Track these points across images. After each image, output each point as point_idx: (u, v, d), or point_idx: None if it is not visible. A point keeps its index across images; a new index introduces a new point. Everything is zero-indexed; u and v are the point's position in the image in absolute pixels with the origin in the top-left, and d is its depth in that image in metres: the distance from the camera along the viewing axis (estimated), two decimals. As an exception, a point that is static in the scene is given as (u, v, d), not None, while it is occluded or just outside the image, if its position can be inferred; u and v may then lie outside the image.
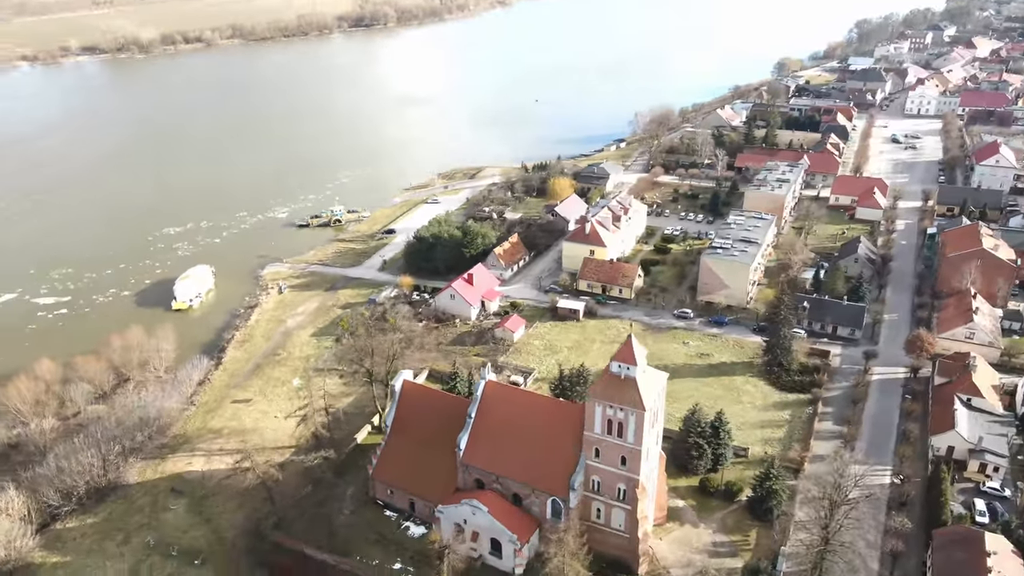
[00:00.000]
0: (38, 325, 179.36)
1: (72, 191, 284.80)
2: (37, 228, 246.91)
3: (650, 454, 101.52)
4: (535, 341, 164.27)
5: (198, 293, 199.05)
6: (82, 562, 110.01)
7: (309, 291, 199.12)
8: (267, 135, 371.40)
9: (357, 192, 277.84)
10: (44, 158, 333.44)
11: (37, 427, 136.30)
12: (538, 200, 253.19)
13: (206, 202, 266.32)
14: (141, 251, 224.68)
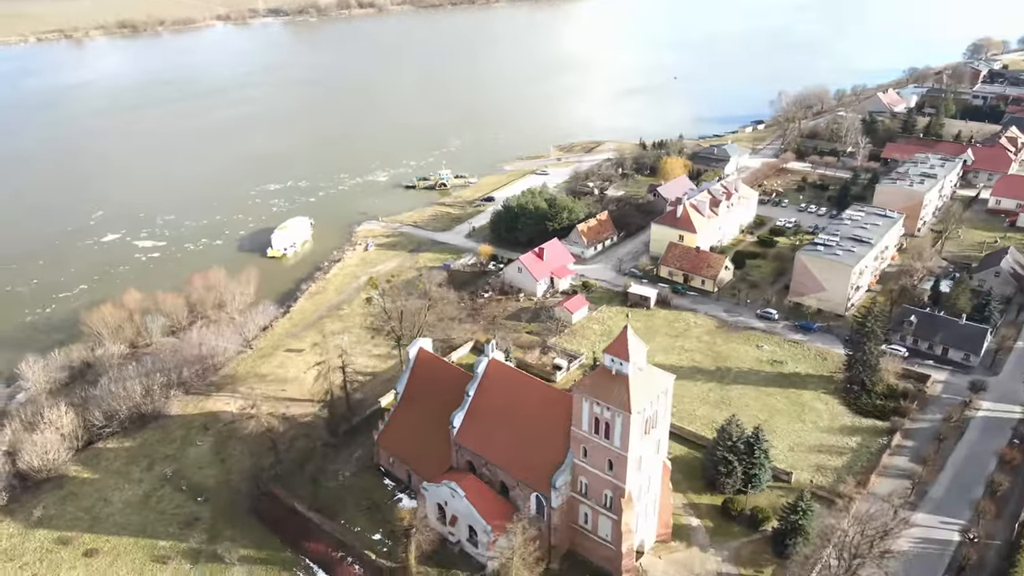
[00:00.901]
0: (131, 266, 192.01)
1: (207, 145, 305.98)
2: (165, 175, 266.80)
3: (645, 462, 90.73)
4: (594, 325, 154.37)
5: (293, 243, 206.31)
6: (106, 482, 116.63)
7: (393, 251, 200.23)
8: (399, 98, 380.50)
9: (469, 158, 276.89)
10: (207, 110, 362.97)
11: (109, 351, 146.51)
12: (648, 179, 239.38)
13: (314, 161, 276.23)
14: (239, 205, 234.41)
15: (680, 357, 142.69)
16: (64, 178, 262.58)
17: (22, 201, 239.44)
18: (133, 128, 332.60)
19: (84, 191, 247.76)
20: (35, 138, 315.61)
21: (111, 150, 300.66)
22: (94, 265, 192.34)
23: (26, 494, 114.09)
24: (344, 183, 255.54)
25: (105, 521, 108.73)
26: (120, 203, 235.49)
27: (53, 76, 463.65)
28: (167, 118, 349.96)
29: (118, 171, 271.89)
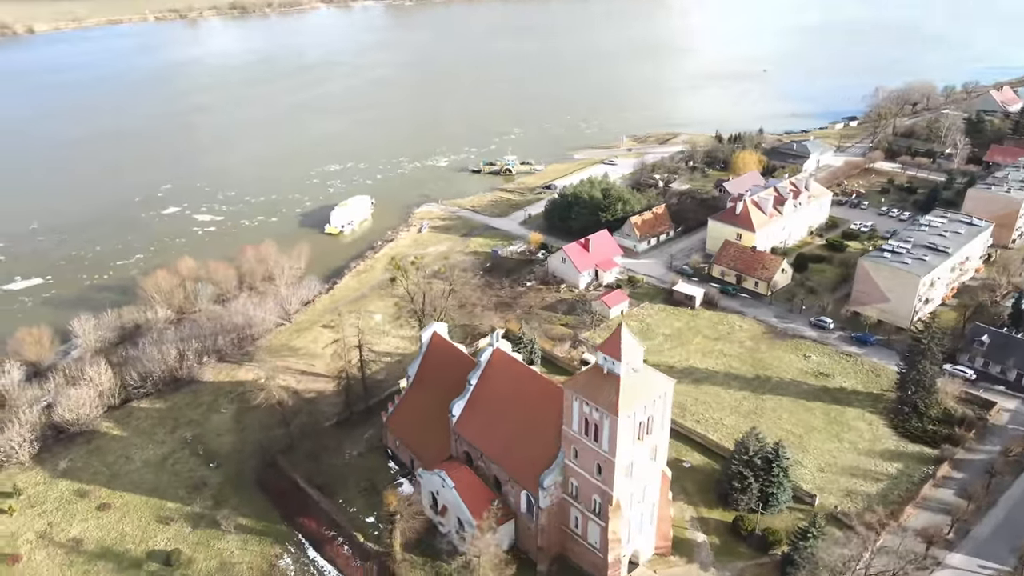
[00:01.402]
0: (188, 238, 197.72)
1: (284, 124, 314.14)
2: (238, 151, 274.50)
3: (638, 470, 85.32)
4: (632, 322, 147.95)
5: (351, 221, 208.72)
6: (131, 440, 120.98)
7: (446, 234, 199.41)
8: (478, 83, 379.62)
9: (539, 144, 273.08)
10: (295, 89, 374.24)
11: (157, 315, 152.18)
12: (720, 174, 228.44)
13: (378, 143, 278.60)
14: (297, 184, 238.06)
15: (717, 362, 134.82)
16: (153, 152, 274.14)
17: (109, 173, 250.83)
18: (230, 105, 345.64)
19: (163, 164, 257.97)
20: (141, 113, 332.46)
21: (205, 125, 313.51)
22: (153, 236, 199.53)
23: (58, 445, 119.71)
24: (404, 167, 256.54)
25: (123, 478, 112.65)
26: (189, 177, 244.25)
27: (167, 53, 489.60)
28: (260, 96, 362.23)
29: (200, 147, 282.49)
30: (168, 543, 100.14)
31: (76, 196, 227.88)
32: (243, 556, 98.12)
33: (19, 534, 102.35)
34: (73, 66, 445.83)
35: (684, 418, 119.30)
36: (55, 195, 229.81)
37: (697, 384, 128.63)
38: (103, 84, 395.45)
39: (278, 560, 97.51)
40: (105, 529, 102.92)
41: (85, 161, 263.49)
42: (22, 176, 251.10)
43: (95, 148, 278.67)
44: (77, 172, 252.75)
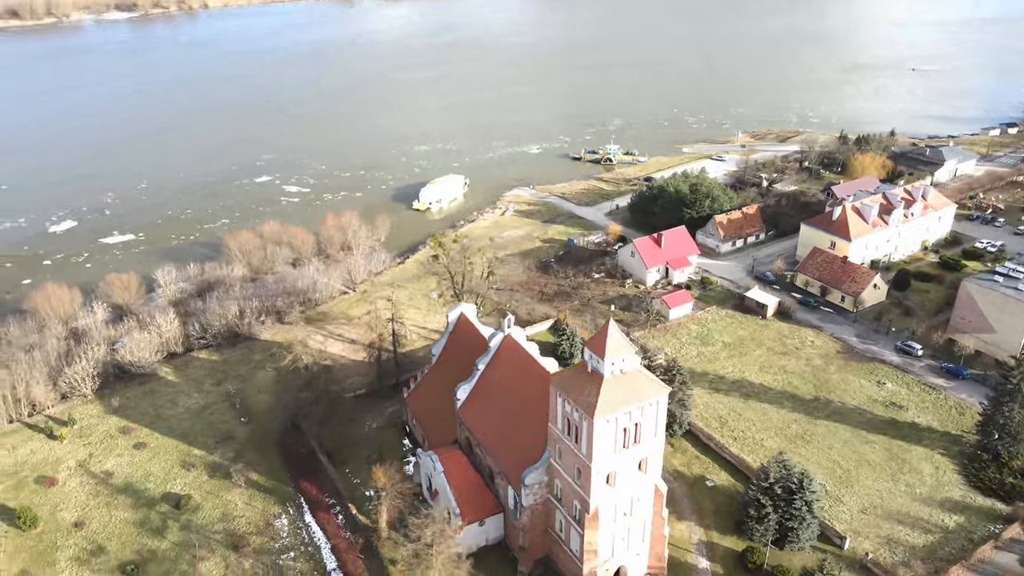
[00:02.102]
0: (273, 208, 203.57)
1: (398, 101, 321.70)
2: (347, 127, 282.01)
3: (621, 480, 78.85)
4: (692, 325, 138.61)
5: (440, 199, 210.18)
6: (181, 387, 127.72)
7: (528, 219, 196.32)
8: (611, 66, 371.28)
9: (650, 135, 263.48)
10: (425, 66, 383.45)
11: (233, 272, 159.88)
12: (836, 177, 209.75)
13: (474, 126, 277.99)
14: (382, 161, 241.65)
15: (775, 378, 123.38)
16: (270, 125, 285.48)
17: (228, 142, 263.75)
18: (375, 81, 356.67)
19: (274, 137, 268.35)
20: (278, 87, 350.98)
21: (340, 101, 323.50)
22: (241, 203, 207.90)
23: (119, 383, 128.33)
24: (496, 150, 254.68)
25: (164, 421, 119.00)
26: (290, 149, 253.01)
27: (329, 30, 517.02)
28: (376, 74, 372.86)
29: (311, 123, 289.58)
30: (184, 488, 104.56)
31: (191, 161, 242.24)
32: (245, 511, 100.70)
33: (62, 460, 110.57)
34: (234, 39, 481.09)
35: (721, 433, 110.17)
36: (175, 158, 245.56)
37: (745, 399, 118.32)
38: (257, 57, 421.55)
39: (275, 519, 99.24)
40: (135, 466, 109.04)
41: (212, 129, 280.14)
42: (155, 138, 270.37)
43: (224, 118, 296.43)
44: (203, 139, 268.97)
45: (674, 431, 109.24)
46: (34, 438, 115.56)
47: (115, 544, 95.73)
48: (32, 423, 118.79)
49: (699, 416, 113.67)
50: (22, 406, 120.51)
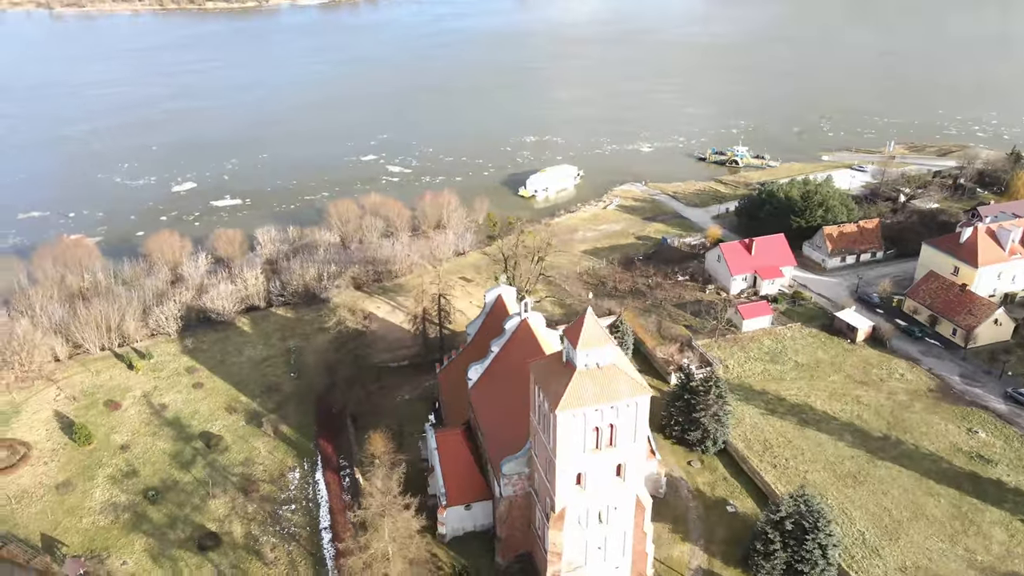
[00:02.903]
0: (372, 186, 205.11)
1: (534, 88, 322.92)
2: (458, 114, 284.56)
3: (592, 483, 73.30)
4: (766, 340, 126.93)
5: (547, 187, 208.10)
6: (250, 338, 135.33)
7: (629, 214, 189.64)
8: (760, 67, 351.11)
9: (787, 139, 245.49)
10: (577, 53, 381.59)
11: (324, 238, 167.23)
12: (994, 197, 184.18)
13: (591, 118, 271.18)
14: (486, 150, 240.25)
15: (844, 408, 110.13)
16: (403, 109, 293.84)
17: (352, 124, 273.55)
18: (518, 69, 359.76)
19: (394, 120, 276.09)
20: (436, 70, 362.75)
21: (475, 88, 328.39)
22: (343, 179, 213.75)
23: (199, 327, 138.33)
24: (616, 144, 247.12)
25: (225, 367, 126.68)
26: (404, 131, 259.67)
27: (504, 18, 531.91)
28: (550, 61, 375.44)
29: (441, 109, 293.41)
30: (220, 429, 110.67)
31: (317, 138, 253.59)
32: (266, 459, 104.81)
33: (130, 389, 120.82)
34: (403, 25, 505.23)
35: (760, 458, 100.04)
36: (303, 134, 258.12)
37: (801, 425, 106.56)
38: (417, 43, 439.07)
39: (289, 472, 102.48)
40: (187, 403, 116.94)
41: (345, 109, 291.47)
42: (295, 114, 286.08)
43: (361, 98, 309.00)
44: (335, 118, 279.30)
45: (706, 447, 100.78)
46: (116, 366, 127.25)
47: (147, 470, 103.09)
48: (119, 352, 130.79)
49: (741, 436, 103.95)
50: (114, 336, 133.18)
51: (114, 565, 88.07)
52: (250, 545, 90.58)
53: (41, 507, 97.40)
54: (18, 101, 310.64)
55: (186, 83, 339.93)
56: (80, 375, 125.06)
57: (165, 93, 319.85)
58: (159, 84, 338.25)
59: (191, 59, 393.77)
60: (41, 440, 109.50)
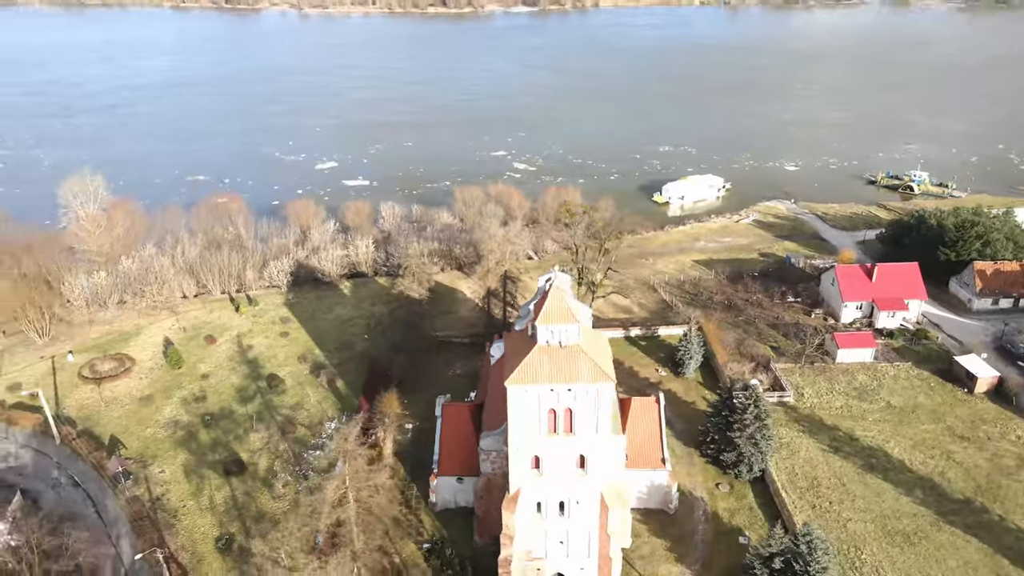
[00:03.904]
0: (495, 179, 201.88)
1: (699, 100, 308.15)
2: (609, 123, 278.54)
3: (550, 468, 69.31)
4: (861, 375, 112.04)
5: (683, 195, 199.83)
6: (346, 300, 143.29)
7: (761, 230, 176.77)
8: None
9: (973, 169, 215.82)
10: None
11: (442, 219, 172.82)
12: None
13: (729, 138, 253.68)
14: (617, 155, 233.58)
15: (929, 461, 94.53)
16: (555, 111, 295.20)
17: (501, 120, 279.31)
18: (695, 85, 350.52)
19: (539, 119, 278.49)
20: (615, 77, 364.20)
21: (643, 96, 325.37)
22: (466, 170, 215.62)
23: (307, 285, 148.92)
24: (744, 163, 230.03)
25: (314, 321, 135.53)
26: (541, 131, 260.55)
27: (717, 30, 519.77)
28: (750, 74, 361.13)
29: (591, 113, 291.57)
30: (285, 374, 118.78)
31: (468, 134, 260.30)
32: (312, 407, 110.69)
33: (229, 329, 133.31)
34: (603, 34, 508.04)
35: (800, 495, 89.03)
36: (457, 129, 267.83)
37: (865, 470, 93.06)
38: (607, 50, 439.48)
39: (327, 421, 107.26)
40: (268, 348, 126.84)
41: (509, 108, 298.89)
42: (460, 108, 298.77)
43: (523, 97, 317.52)
44: (497, 114, 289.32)
45: (740, 472, 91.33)
46: (227, 308, 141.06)
47: (213, 399, 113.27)
48: (233, 297, 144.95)
49: (787, 467, 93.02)
50: (233, 282, 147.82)
51: (153, 471, 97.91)
52: (267, 479, 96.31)
53: (121, 413, 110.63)
54: (240, 82, 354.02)
55: (375, 75, 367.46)
56: (196, 311, 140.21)
57: (353, 84, 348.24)
58: (350, 75, 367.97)
59: (392, 55, 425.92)
60: (145, 359, 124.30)
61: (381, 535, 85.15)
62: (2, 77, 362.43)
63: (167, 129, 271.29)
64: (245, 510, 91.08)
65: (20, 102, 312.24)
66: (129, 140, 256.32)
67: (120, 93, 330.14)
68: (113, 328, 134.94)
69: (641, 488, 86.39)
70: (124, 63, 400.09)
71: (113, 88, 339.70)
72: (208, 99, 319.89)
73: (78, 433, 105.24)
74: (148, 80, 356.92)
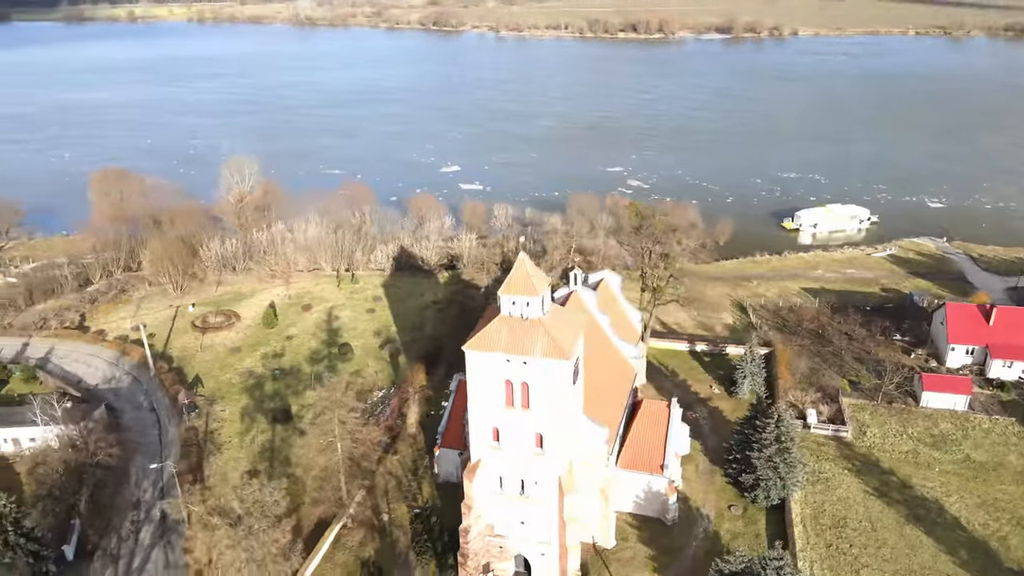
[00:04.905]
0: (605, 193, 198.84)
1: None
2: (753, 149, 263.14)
3: (509, 444, 69.11)
4: (943, 423, 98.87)
5: (816, 223, 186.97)
6: (438, 287, 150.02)
7: (894, 265, 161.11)
8: None
9: None
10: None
11: (555, 222, 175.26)
12: None
13: None
14: (734, 181, 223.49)
15: (991, 522, 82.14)
16: (711, 135, 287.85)
17: (626, 143, 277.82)
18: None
19: (664, 143, 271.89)
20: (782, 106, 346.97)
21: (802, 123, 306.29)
22: (584, 184, 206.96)
23: (405, 272, 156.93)
24: (884, 194, 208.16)
25: (399, 303, 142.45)
26: (658, 149, 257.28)
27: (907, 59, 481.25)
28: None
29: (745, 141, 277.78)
30: (357, 346, 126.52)
31: (588, 145, 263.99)
32: (369, 375, 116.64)
33: (324, 300, 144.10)
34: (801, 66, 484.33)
35: (820, 533, 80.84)
36: (580, 140, 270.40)
37: (906, 520, 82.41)
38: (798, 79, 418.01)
39: (377, 391, 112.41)
40: (352, 321, 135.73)
41: (640, 126, 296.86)
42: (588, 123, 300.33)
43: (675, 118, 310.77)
44: (618, 130, 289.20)
45: (756, 497, 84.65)
46: (331, 283, 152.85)
47: (289, 357, 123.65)
48: (341, 274, 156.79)
49: (814, 502, 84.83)
50: (343, 262, 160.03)
51: (215, 409, 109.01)
52: (306, 429, 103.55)
53: (211, 358, 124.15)
54: (417, 91, 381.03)
55: (530, 91, 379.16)
56: (304, 283, 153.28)
57: (506, 98, 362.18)
58: (506, 90, 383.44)
59: (558, 75, 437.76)
60: (248, 317, 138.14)
61: (380, 495, 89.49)
62: (224, 81, 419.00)
63: (330, 128, 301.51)
64: (276, 453, 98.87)
65: (226, 100, 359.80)
66: (296, 136, 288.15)
67: (308, 97, 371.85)
68: (233, 289, 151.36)
69: (638, 492, 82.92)
70: (324, 72, 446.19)
71: (303, 93, 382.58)
72: (379, 106, 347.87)
73: (170, 369, 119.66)
74: (336, 88, 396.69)
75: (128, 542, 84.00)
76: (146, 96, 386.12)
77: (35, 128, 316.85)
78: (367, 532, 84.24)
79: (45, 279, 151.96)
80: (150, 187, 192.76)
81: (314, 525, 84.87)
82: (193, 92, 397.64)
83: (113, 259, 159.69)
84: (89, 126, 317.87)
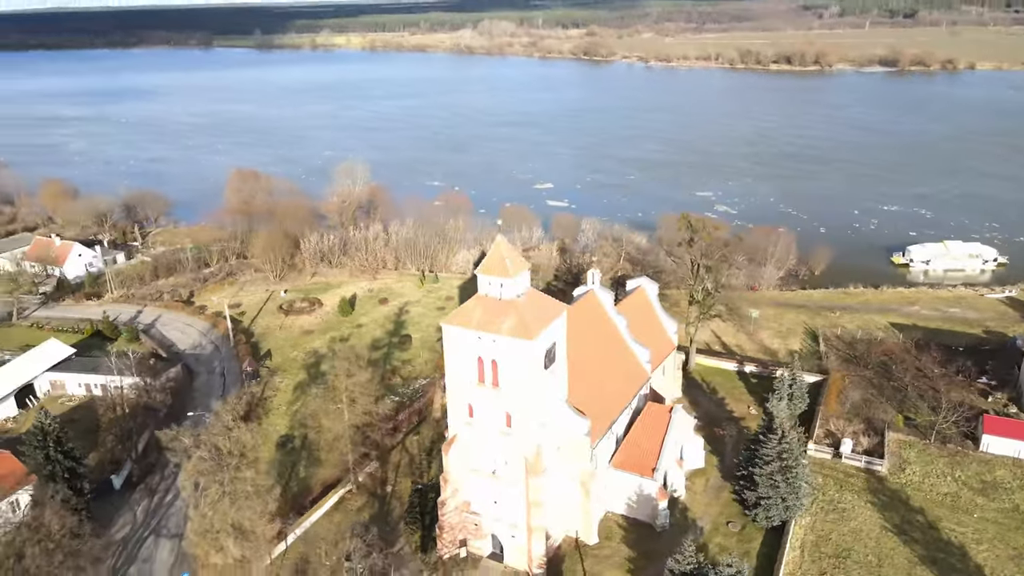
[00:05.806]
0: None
1: None
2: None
3: (481, 421, 71.54)
4: (999, 469, 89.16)
5: (928, 259, 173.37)
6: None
7: (1008, 307, 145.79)
8: None
9: None
10: None
11: (641, 240, 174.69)
12: None
13: None
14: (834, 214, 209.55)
15: (1017, 571, 73.24)
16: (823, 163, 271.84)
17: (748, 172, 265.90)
18: None
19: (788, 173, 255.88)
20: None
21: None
22: (669, 208, 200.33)
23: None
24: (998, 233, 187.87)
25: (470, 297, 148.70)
26: (753, 176, 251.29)
27: None
28: None
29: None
30: (416, 337, 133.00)
31: (691, 172, 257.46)
32: (417, 363, 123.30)
33: (402, 295, 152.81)
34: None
35: (814, 561, 76.25)
36: (697, 166, 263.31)
37: (920, 562, 75.61)
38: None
39: (420, 379, 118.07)
40: (420, 316, 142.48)
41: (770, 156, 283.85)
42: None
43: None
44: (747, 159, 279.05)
45: (756, 516, 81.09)
46: (413, 281, 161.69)
47: (353, 340, 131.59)
48: (446, 277, 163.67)
49: (820, 528, 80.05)
50: (429, 263, 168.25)
51: (275, 380, 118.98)
52: (339, 398, 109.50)
53: (286, 336, 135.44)
54: (547, 115, 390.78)
55: (650, 118, 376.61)
56: (388, 279, 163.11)
57: (620, 124, 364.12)
58: (621, 116, 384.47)
59: (688, 102, 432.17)
60: (329, 305, 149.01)
61: (392, 470, 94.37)
62: (371, 102, 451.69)
63: (448, 144, 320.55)
64: (312, 420, 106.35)
65: (367, 118, 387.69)
66: (418, 149, 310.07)
67: (442, 117, 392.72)
68: (324, 280, 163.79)
69: (629, 494, 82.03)
70: (465, 95, 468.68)
71: (439, 112, 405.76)
72: (499, 129, 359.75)
73: (248, 342, 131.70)
74: (470, 108, 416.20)
75: (168, 480, 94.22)
76: (302, 112, 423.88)
77: (209, 135, 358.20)
78: (368, 499, 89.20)
79: (171, 260, 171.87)
80: (275, 186, 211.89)
81: (322, 487, 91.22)
82: (343, 109, 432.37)
83: (229, 247, 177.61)
84: (250, 133, 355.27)
